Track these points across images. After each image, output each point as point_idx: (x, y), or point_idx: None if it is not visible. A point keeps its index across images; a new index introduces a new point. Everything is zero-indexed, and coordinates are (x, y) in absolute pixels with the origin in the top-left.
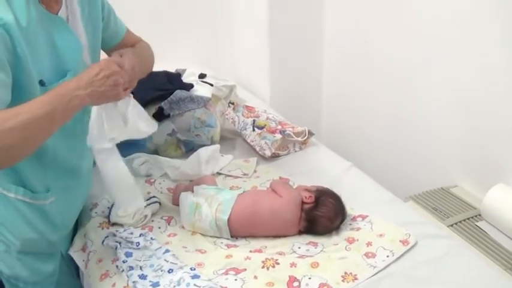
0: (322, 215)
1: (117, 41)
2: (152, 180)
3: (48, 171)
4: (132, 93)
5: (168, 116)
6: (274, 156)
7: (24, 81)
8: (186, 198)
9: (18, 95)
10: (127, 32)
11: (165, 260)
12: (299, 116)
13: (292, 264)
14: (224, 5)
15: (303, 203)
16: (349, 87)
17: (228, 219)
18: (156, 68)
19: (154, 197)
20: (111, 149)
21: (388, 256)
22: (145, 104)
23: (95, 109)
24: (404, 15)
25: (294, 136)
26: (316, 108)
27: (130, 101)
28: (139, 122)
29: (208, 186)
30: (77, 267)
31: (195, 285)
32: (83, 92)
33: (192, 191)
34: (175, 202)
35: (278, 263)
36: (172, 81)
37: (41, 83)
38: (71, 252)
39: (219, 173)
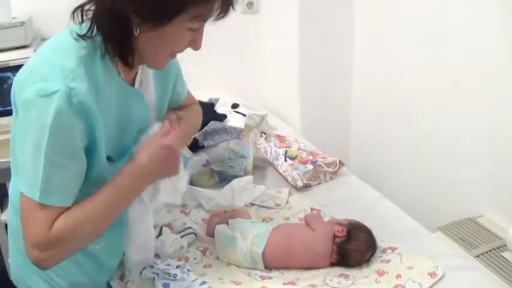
0: (353, 248)
1: (177, 104)
2: (187, 211)
3: None
4: None
5: (203, 147)
6: (306, 187)
7: (95, 160)
8: (221, 231)
9: (86, 172)
10: (188, 94)
11: None
12: (328, 144)
13: None
14: (255, 33)
15: (335, 236)
16: (377, 117)
17: (263, 252)
18: None
19: (189, 227)
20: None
21: None
22: None
23: None
24: (432, 49)
25: (324, 167)
26: (345, 136)
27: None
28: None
29: (243, 219)
30: None
31: None
32: (146, 183)
33: (227, 224)
34: (210, 233)
35: None
36: (206, 112)
37: (109, 158)
38: (110, 281)
39: (252, 204)
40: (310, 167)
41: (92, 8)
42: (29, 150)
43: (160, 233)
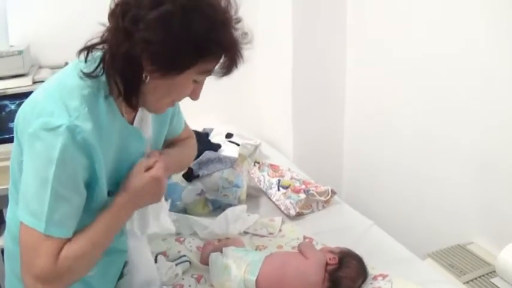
0: (345, 276)
1: (173, 137)
2: (182, 239)
3: None
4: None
5: (198, 176)
6: (299, 215)
7: (96, 194)
8: (216, 259)
9: (87, 206)
10: (185, 127)
11: None
12: (321, 171)
13: None
14: (248, 61)
15: (327, 264)
16: (369, 145)
17: (256, 280)
18: None
19: (184, 255)
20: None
21: None
22: None
23: None
24: (424, 78)
25: (317, 195)
26: (338, 164)
27: (163, 204)
28: (167, 221)
29: (236, 248)
30: None
31: None
32: (133, 211)
33: (221, 252)
34: (204, 261)
35: None
36: (200, 142)
37: (109, 193)
38: None
39: (246, 232)
40: (302, 195)
41: (99, 47)
42: (34, 182)
43: (155, 261)
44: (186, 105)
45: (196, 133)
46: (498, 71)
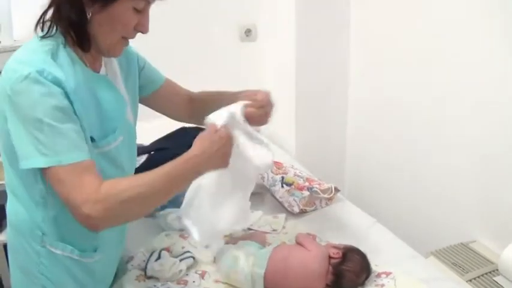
0: (348, 269)
1: (155, 88)
2: (186, 235)
3: (101, 233)
4: (165, 149)
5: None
6: (302, 212)
7: None
8: (225, 250)
9: None
10: (168, 81)
11: None
12: (323, 168)
13: None
14: (252, 60)
15: (330, 258)
16: (371, 142)
17: (264, 273)
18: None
19: (188, 251)
20: None
21: None
22: None
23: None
24: (429, 71)
25: (320, 193)
26: (340, 161)
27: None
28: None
29: (252, 242)
30: None
31: None
32: (202, 168)
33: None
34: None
35: None
36: None
37: (92, 139)
38: None
39: (249, 229)
40: (306, 193)
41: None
42: (30, 128)
43: (159, 257)
44: None
45: (201, 130)
46: (501, 66)
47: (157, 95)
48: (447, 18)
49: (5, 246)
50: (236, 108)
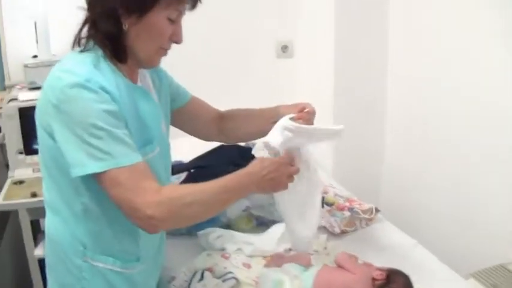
0: None
1: (181, 104)
2: (227, 255)
3: (142, 242)
4: (205, 167)
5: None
6: (343, 233)
7: None
8: (268, 274)
9: None
10: (194, 98)
11: None
12: (360, 187)
13: None
14: (289, 76)
15: (374, 279)
16: (410, 162)
17: None
18: None
19: (230, 272)
20: None
21: None
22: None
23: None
24: (469, 91)
25: (361, 213)
26: (377, 180)
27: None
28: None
29: (296, 264)
30: None
31: None
32: (254, 187)
33: (277, 266)
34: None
35: None
36: (244, 156)
37: None
38: None
39: (290, 249)
40: (347, 213)
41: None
42: (84, 135)
43: (202, 278)
44: None
45: (240, 147)
46: None
47: (183, 111)
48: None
49: (39, 261)
50: (286, 122)
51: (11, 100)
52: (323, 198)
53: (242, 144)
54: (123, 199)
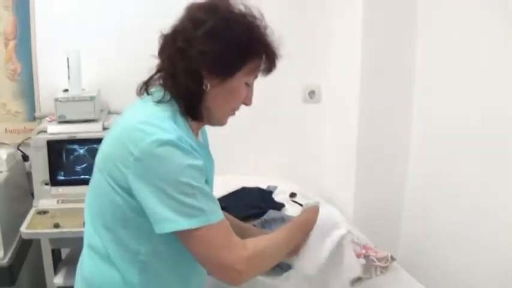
0: None
1: None
2: None
3: (186, 285)
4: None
5: None
6: (356, 280)
7: None
8: None
9: None
10: None
11: None
12: (379, 234)
13: None
14: (316, 121)
15: None
16: (430, 212)
17: None
18: (249, 181)
19: None
20: None
21: None
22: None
23: None
24: (493, 133)
25: (376, 261)
26: (396, 228)
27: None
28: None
29: None
30: None
31: None
32: (306, 234)
33: None
34: None
35: None
36: (264, 199)
37: None
38: None
39: None
40: (363, 261)
41: (155, 82)
42: (174, 193)
43: None
44: (251, 161)
45: (261, 191)
46: None
47: None
48: None
49: None
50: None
51: (40, 132)
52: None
53: (263, 187)
54: (211, 256)
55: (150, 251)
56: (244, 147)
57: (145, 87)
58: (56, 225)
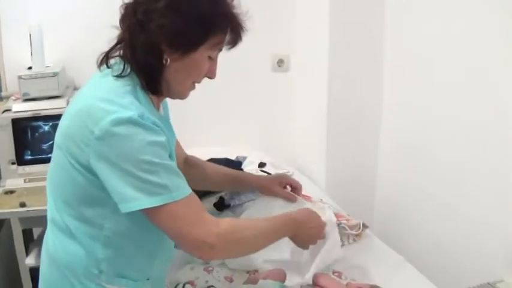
0: None
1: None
2: (210, 269)
3: (156, 263)
4: None
5: (229, 206)
6: None
7: None
8: None
9: None
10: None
11: None
12: (353, 202)
13: None
14: (285, 90)
15: None
16: (403, 178)
17: None
18: (217, 153)
19: (212, 286)
20: None
21: None
22: (206, 192)
23: None
24: (462, 103)
25: (348, 229)
26: (370, 196)
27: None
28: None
29: (273, 281)
30: None
31: None
32: (292, 233)
33: (252, 283)
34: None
35: None
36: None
37: None
38: None
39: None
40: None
41: (116, 53)
42: (136, 171)
43: None
44: (219, 132)
45: (229, 161)
46: None
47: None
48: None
49: (31, 270)
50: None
51: (5, 111)
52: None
53: (232, 158)
54: (181, 232)
55: (113, 227)
56: (213, 118)
57: (105, 59)
58: (22, 204)
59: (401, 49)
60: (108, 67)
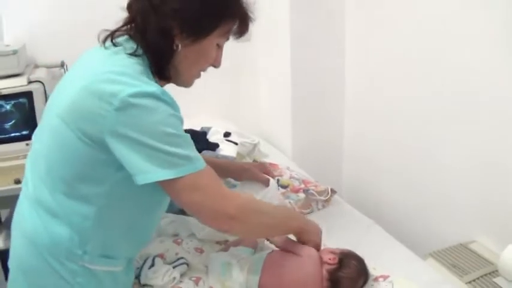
0: (345, 276)
1: None
2: (179, 240)
3: (141, 242)
4: None
5: None
6: None
7: None
8: (217, 258)
9: None
10: None
11: None
12: (321, 169)
13: None
14: (249, 60)
15: (327, 263)
16: (369, 143)
17: (259, 279)
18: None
19: (182, 258)
20: None
21: None
22: None
23: None
24: (426, 73)
25: (316, 195)
26: (337, 162)
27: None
28: None
29: (243, 247)
30: None
31: None
32: (303, 225)
33: (224, 251)
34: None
35: None
36: (198, 141)
37: None
38: None
39: None
40: (302, 195)
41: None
42: (158, 143)
43: (152, 264)
44: (184, 102)
45: (194, 132)
46: (502, 69)
47: None
48: (441, 16)
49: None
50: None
51: None
52: (278, 180)
53: (196, 129)
54: (201, 203)
55: (108, 205)
56: (177, 88)
57: (111, 37)
58: None
59: (363, 16)
60: (114, 45)
